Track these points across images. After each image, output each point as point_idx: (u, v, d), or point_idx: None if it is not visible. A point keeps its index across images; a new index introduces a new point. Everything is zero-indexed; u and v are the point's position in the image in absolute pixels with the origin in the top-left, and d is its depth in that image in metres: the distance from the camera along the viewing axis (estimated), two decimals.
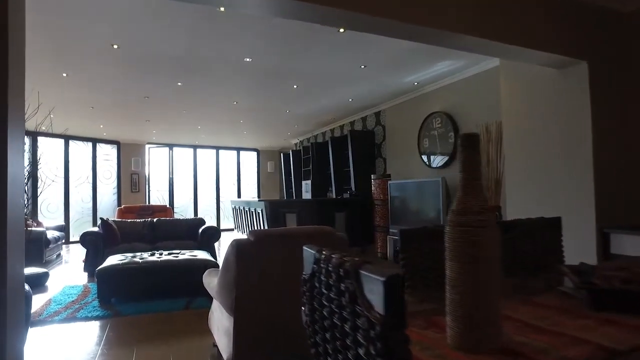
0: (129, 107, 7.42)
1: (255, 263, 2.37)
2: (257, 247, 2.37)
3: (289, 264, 2.45)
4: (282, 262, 2.41)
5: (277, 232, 2.52)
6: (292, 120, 9.10)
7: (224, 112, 8.06)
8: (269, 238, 2.43)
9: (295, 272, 2.50)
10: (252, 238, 2.38)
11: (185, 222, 6.81)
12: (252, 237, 2.39)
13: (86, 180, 10.53)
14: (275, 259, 2.41)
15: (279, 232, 2.52)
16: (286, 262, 2.37)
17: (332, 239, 2.63)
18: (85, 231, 5.84)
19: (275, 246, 2.43)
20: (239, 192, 13.27)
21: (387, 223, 6.96)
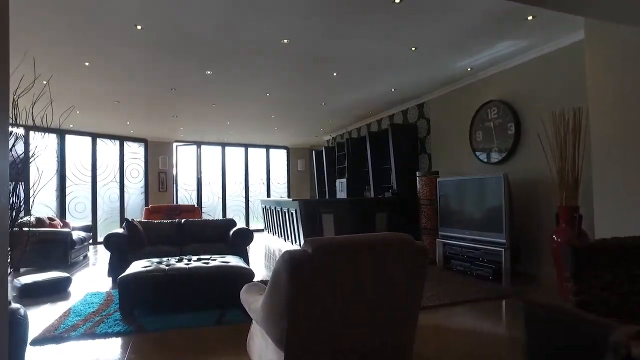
0: (156, 100, 7.00)
1: (314, 283, 1.78)
2: (317, 261, 1.78)
3: (359, 283, 1.86)
4: (350, 281, 1.82)
5: (342, 241, 1.93)
6: (327, 114, 8.51)
7: (256, 105, 7.54)
8: (333, 249, 1.84)
9: (367, 296, 1.90)
10: (310, 249, 1.80)
11: (215, 224, 6.32)
12: (310, 248, 1.80)
13: (113, 180, 10.25)
14: (341, 277, 1.83)
15: (344, 241, 1.93)
16: (356, 281, 1.78)
17: (412, 250, 2.02)
18: (109, 233, 5.42)
19: (341, 260, 1.84)
20: (268, 192, 12.79)
21: (435, 225, 6.29)
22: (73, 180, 9.50)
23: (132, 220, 5.69)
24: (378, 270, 1.92)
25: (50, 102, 4.95)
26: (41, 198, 8.87)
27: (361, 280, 1.86)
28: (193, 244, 5.81)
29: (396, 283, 2.00)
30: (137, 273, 3.78)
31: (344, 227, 6.86)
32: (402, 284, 2.01)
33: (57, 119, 7.14)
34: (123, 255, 5.32)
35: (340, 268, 1.83)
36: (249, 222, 12.35)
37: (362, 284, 1.88)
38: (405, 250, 2.02)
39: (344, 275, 1.84)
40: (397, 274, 1.99)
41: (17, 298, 4.63)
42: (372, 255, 1.90)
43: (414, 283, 2.05)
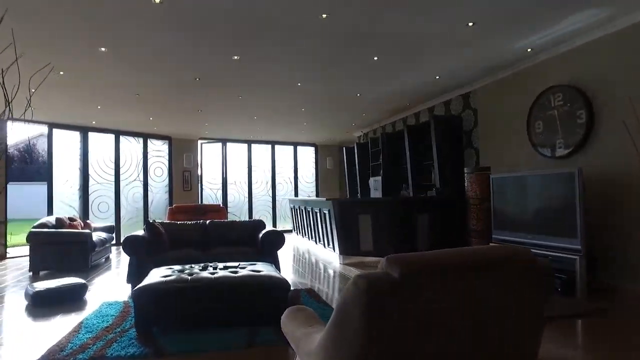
0: (178, 92, 6.52)
1: (403, 323, 1.18)
2: (407, 290, 1.18)
3: (465, 319, 1.24)
4: (453, 316, 1.21)
5: (440, 259, 1.32)
6: (361, 106, 7.88)
7: (285, 97, 6.98)
8: (429, 272, 1.23)
9: (475, 335, 1.27)
10: (397, 273, 1.20)
11: (242, 225, 5.79)
12: (396, 271, 1.20)
13: (137, 178, 9.90)
14: (440, 312, 1.21)
15: (445, 260, 1.32)
16: (461, 316, 1.17)
17: (532, 271, 1.39)
18: (128, 235, 4.95)
19: (442, 287, 1.23)
20: (296, 191, 12.25)
21: (487, 227, 5.59)
22: (96, 179, 9.18)
23: (153, 221, 5.22)
24: (491, 300, 1.30)
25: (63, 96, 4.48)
26: (64, 197, 8.58)
27: (468, 315, 1.25)
28: (219, 247, 5.29)
29: (512, 316, 1.37)
30: (155, 284, 3.26)
31: (383, 229, 6.23)
32: (521, 316, 1.38)
33: (78, 113, 6.76)
34: (143, 259, 4.84)
35: (441, 299, 1.22)
36: (276, 222, 11.84)
37: (469, 319, 1.26)
38: (520, 273, 1.39)
39: (444, 309, 1.23)
40: (514, 303, 1.37)
41: (29, 307, 4.21)
42: (484, 278, 1.29)
43: (535, 315, 1.42)
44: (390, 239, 6.23)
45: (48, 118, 8.21)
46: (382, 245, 6.26)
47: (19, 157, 22.20)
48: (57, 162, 8.56)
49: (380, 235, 6.25)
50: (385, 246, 6.25)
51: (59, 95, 6.45)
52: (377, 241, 6.27)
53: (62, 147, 8.70)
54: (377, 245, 6.28)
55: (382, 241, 6.25)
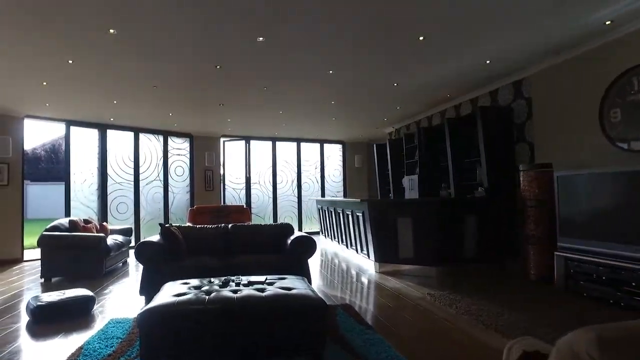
0: (199, 82, 5.97)
1: None
2: None
3: None
4: None
5: None
6: (396, 98, 7.17)
7: (314, 87, 6.34)
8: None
9: None
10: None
11: (268, 230, 5.18)
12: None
13: (157, 178, 9.45)
14: None
15: None
16: None
17: None
18: (141, 242, 4.40)
19: None
20: (322, 190, 11.62)
21: (549, 233, 4.82)
22: (115, 179, 8.76)
23: (170, 225, 4.65)
24: None
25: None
26: (82, 198, 8.18)
27: None
28: (242, 255, 4.70)
29: None
30: (165, 306, 2.66)
31: (425, 234, 5.52)
32: None
33: (95, 110, 6.25)
34: (158, 268, 4.29)
35: None
36: (301, 223, 11.24)
37: None
38: None
39: None
40: None
41: (30, 324, 3.70)
42: None
43: None
44: (433, 245, 5.51)
45: (65, 115, 7.82)
46: (424, 252, 5.56)
47: (45, 157, 22.34)
48: (74, 161, 8.17)
49: (422, 240, 5.55)
50: (427, 253, 5.55)
51: (73, 89, 5.99)
52: (418, 247, 5.57)
53: (80, 145, 8.30)
54: (418, 252, 5.58)
55: (424, 247, 5.55)
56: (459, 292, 4.48)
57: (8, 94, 6.20)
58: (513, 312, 3.72)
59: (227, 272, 4.33)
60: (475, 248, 5.60)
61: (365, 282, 5.37)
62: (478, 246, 5.61)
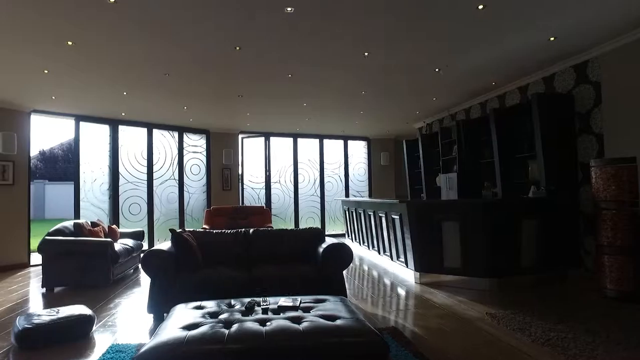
0: (215, 69, 5.32)
1: None
2: None
3: None
4: None
5: None
6: (436, 86, 6.40)
7: (347, 74, 5.62)
8: None
9: None
10: None
11: (295, 236, 4.50)
12: None
13: (172, 177, 8.86)
14: None
15: None
16: None
17: None
18: (150, 250, 3.76)
19: None
20: (346, 190, 10.90)
21: (631, 242, 4.03)
22: (127, 178, 8.21)
23: (182, 232, 4.00)
24: None
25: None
26: (92, 198, 7.65)
27: None
28: (265, 266, 4.03)
29: None
30: (172, 345, 1.99)
31: (475, 240, 4.76)
32: None
33: (105, 103, 5.59)
34: (169, 281, 3.65)
35: None
36: (324, 225, 10.54)
37: None
38: None
39: None
40: None
41: (14, 350, 3.08)
42: None
43: None
44: (485, 253, 4.75)
45: (74, 110, 7.29)
46: (473, 261, 4.80)
47: (62, 157, 22.17)
48: (84, 159, 7.64)
49: (472, 248, 4.79)
50: (478, 262, 4.79)
51: (78, 78, 5.41)
52: (467, 256, 4.82)
53: (91, 142, 7.77)
54: (467, 261, 4.82)
55: (475, 256, 4.79)
56: (525, 312, 3.72)
57: (10, 85, 5.66)
58: (610, 342, 2.95)
59: (248, 286, 3.69)
60: (535, 256, 4.82)
61: (407, 295, 4.64)
62: (537, 254, 4.82)
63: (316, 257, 4.11)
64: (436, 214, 5.01)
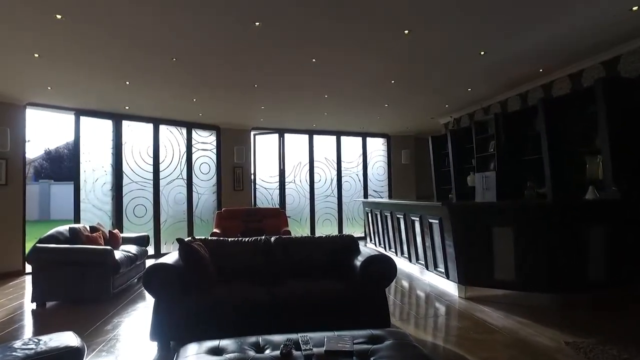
0: (228, 51, 4.66)
1: None
2: None
3: None
4: None
5: None
6: (475, 74, 5.68)
7: (379, 58, 4.92)
8: None
9: None
10: None
11: (324, 245, 3.83)
12: None
13: (179, 176, 8.23)
14: None
15: None
16: None
17: None
18: (154, 265, 3.09)
19: None
20: (365, 191, 10.21)
21: None
22: (131, 177, 7.59)
23: (192, 240, 3.33)
24: None
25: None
26: (93, 199, 7.04)
27: None
28: (292, 281, 3.37)
29: None
30: None
31: (533, 248, 4.06)
32: None
33: (106, 95, 4.83)
34: (176, 302, 2.99)
35: None
36: (342, 228, 9.85)
37: None
38: None
39: None
40: None
41: None
42: None
43: None
44: (546, 264, 4.05)
45: (73, 103, 6.68)
46: (531, 273, 4.10)
47: (68, 156, 21.68)
48: (85, 157, 7.04)
49: (529, 257, 4.09)
50: (537, 275, 4.08)
51: (73, 64, 4.79)
52: (523, 267, 4.12)
53: (92, 139, 7.16)
54: (523, 274, 4.12)
55: (533, 267, 4.09)
56: (614, 341, 3.01)
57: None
58: None
59: (272, 311, 3.02)
60: (605, 268, 4.10)
61: (454, 314, 3.94)
62: (608, 266, 4.10)
63: (350, 271, 3.45)
64: (485, 218, 4.31)
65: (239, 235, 6.64)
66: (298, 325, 2.40)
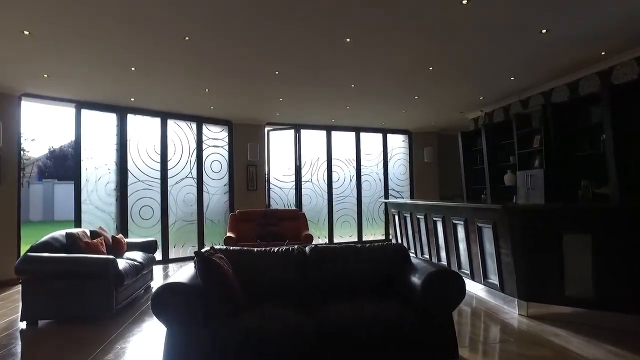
0: (253, 24, 4.02)
1: None
2: None
3: None
4: None
5: None
6: (527, 58, 4.98)
7: (420, 35, 4.28)
8: None
9: None
10: None
11: (367, 255, 3.18)
12: None
13: (189, 175, 7.60)
14: None
15: None
16: None
17: None
18: (166, 285, 2.43)
19: None
20: (386, 191, 9.55)
21: None
22: (137, 176, 6.98)
23: (212, 252, 2.67)
24: None
25: None
26: (96, 200, 6.44)
27: None
28: (336, 303, 2.71)
29: None
30: None
31: (616, 260, 3.39)
32: None
33: (110, 85, 4.05)
34: (195, 333, 2.35)
35: None
36: (362, 232, 9.20)
37: None
38: None
39: None
40: None
41: None
42: None
43: None
44: (631, 279, 3.37)
45: (73, 94, 6.08)
46: (614, 290, 3.42)
47: (72, 155, 21.23)
48: (87, 154, 6.45)
49: (612, 271, 3.42)
50: (622, 292, 3.41)
51: (70, 44, 4.17)
52: (603, 282, 3.45)
53: (94, 134, 6.56)
54: (602, 290, 3.45)
55: (616, 283, 3.41)
56: None
57: None
58: None
59: (319, 343, 2.37)
60: None
61: (525, 338, 3.27)
62: None
63: (404, 289, 2.80)
64: (555, 223, 3.64)
65: (257, 240, 6.02)
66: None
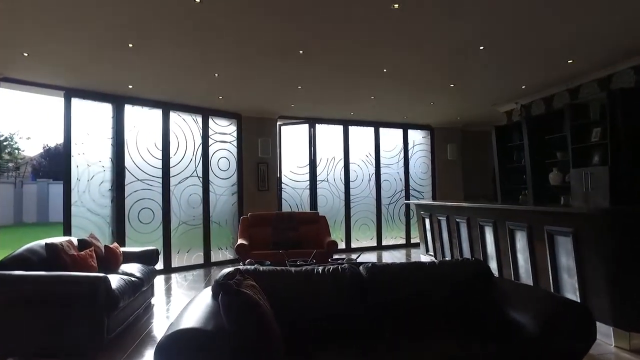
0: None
1: None
2: None
3: None
4: None
5: None
6: (596, 34, 4.22)
7: (473, 16, 3.51)
8: None
9: None
10: None
11: (441, 276, 2.40)
12: None
13: (193, 173, 6.81)
14: None
15: None
16: None
17: None
18: (175, 335, 1.64)
19: None
20: (407, 191, 8.77)
21: None
22: (136, 175, 6.18)
23: (240, 280, 1.86)
24: None
25: None
26: (88, 202, 5.67)
27: None
28: (411, 346, 1.92)
29: None
30: None
31: None
32: None
33: (104, 67, 3.41)
34: None
35: None
36: (381, 236, 8.42)
37: None
38: None
39: None
40: None
41: None
42: None
43: None
44: None
45: (61, 80, 5.30)
46: None
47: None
48: (78, 149, 5.66)
49: None
50: None
51: (52, 17, 3.39)
52: None
53: (87, 126, 5.77)
54: None
55: None
56: None
57: None
58: None
59: None
60: None
61: None
62: None
63: (496, 323, 2.01)
64: None
65: (275, 248, 5.23)
66: None
